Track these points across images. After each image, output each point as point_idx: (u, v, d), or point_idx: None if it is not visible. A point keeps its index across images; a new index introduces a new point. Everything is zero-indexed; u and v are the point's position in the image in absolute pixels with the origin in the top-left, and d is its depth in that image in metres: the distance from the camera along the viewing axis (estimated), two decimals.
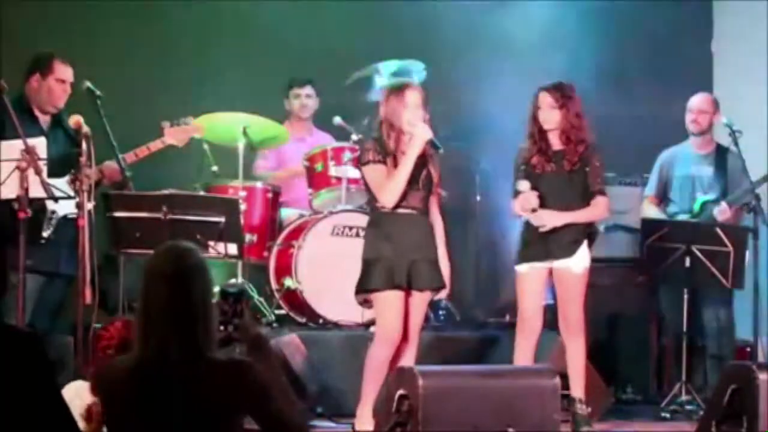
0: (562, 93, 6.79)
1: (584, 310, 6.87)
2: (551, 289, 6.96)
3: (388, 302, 6.37)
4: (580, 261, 6.79)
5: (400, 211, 6.40)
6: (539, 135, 6.81)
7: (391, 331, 6.38)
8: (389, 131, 6.40)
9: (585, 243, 6.79)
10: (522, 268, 6.79)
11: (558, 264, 6.77)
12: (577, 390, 6.72)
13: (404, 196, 6.38)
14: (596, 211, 6.84)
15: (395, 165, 6.38)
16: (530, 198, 6.70)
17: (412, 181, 6.38)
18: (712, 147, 8.08)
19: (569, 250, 6.75)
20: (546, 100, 6.80)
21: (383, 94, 6.54)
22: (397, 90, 6.47)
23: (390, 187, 6.35)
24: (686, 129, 8.06)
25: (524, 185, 6.71)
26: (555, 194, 6.76)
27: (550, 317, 7.09)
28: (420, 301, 6.51)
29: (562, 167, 6.78)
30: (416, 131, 6.37)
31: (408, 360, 6.38)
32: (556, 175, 6.77)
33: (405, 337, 6.46)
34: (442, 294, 6.69)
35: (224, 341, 3.76)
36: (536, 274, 6.77)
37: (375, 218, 6.49)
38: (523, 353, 6.77)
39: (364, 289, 6.42)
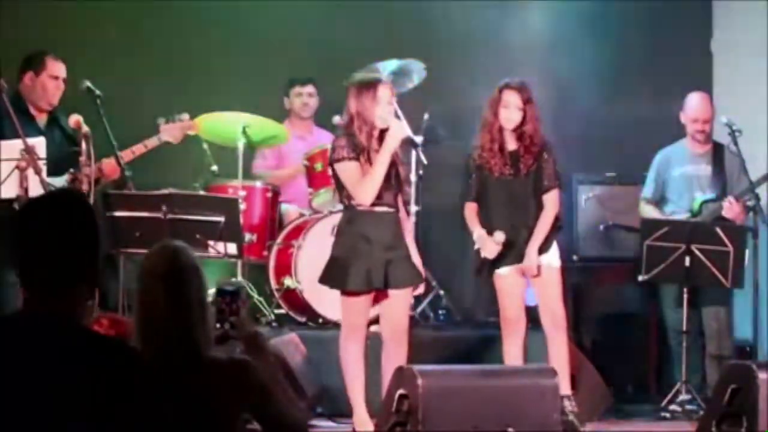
0: (528, 94, 6.78)
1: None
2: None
3: (359, 303, 6.40)
4: (555, 255, 6.81)
5: (376, 209, 6.40)
6: (498, 134, 6.80)
7: (357, 329, 6.42)
8: (361, 127, 6.37)
9: (555, 240, 6.84)
10: (501, 271, 6.78)
11: None
12: (565, 387, 6.68)
13: (379, 194, 6.37)
14: (550, 213, 6.83)
15: (368, 161, 6.36)
16: (491, 246, 6.71)
17: (386, 178, 6.38)
18: (708, 145, 8.06)
19: (543, 248, 6.77)
20: (514, 99, 6.77)
21: (352, 90, 6.49)
22: (368, 86, 6.44)
23: (367, 185, 6.33)
24: (687, 132, 8.04)
25: (500, 236, 6.72)
26: (512, 198, 6.79)
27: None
28: (400, 299, 6.48)
29: (518, 170, 6.79)
30: (392, 128, 6.35)
31: (399, 360, 6.32)
32: (513, 178, 6.79)
33: (393, 337, 6.46)
34: (420, 290, 6.71)
35: (221, 339, 3.76)
36: (515, 274, 6.79)
37: (350, 216, 6.47)
38: (513, 354, 6.78)
39: (338, 287, 6.43)
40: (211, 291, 3.88)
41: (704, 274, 7.43)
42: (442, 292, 8.37)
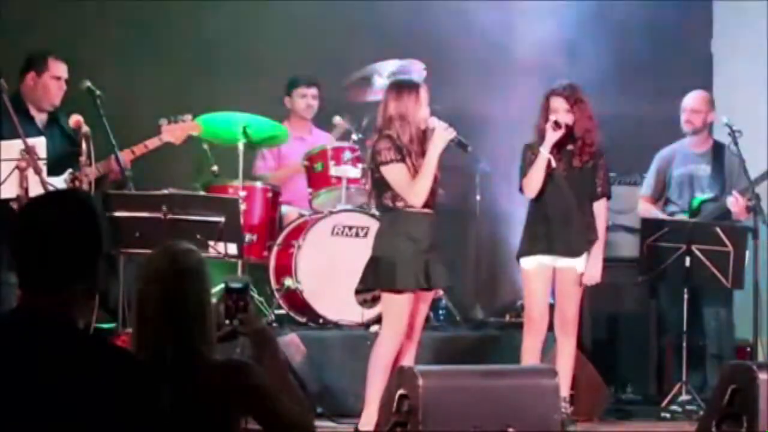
0: (575, 96, 6.84)
1: (581, 310, 6.93)
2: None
3: (406, 303, 6.40)
4: (583, 262, 6.82)
5: (421, 210, 6.42)
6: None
7: (401, 331, 6.42)
8: (405, 129, 6.40)
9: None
10: (529, 265, 6.80)
11: (563, 263, 6.79)
12: (564, 388, 6.69)
13: None
14: (604, 224, 6.93)
15: (412, 163, 6.39)
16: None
17: None
18: (708, 145, 8.08)
19: (576, 252, 6.79)
20: (561, 104, 6.83)
21: (392, 91, 6.52)
22: (411, 87, 6.51)
23: (419, 187, 6.37)
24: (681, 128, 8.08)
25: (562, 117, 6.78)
26: (564, 191, 6.81)
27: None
28: (427, 299, 6.57)
29: (571, 164, 6.85)
30: (438, 129, 6.39)
31: (409, 358, 6.41)
32: (566, 171, 6.83)
33: (408, 335, 6.48)
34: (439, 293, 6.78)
35: (229, 335, 3.75)
36: (543, 272, 6.80)
37: (392, 217, 6.48)
38: (531, 354, 6.77)
39: (387, 286, 6.41)
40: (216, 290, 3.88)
41: (704, 274, 7.43)
42: (441, 292, 8.36)
